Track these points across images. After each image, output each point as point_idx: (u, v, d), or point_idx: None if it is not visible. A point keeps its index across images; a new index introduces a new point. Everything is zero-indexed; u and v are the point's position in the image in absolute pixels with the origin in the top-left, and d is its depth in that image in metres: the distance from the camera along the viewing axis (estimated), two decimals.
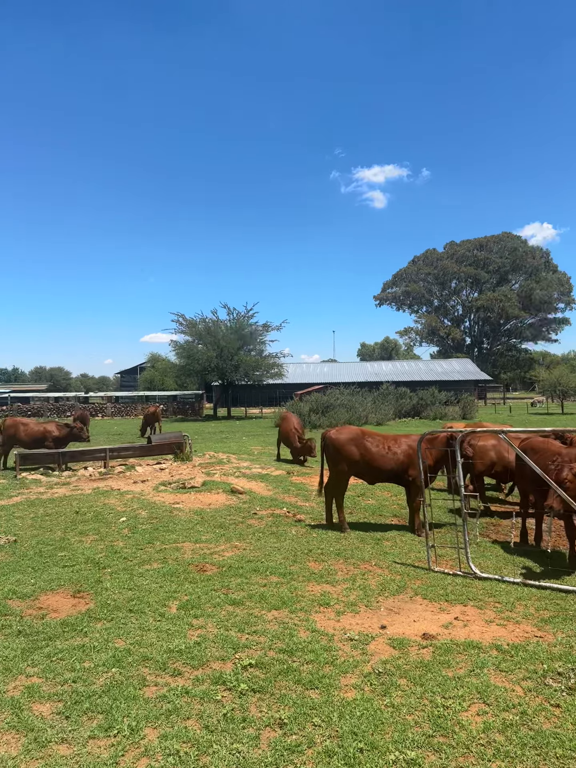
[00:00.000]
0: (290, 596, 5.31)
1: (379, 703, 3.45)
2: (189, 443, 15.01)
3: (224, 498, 9.89)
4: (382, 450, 8.01)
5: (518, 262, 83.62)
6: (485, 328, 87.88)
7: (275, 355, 43.72)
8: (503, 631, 4.53)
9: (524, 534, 7.64)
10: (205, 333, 40.90)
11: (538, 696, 3.50)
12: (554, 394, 45.03)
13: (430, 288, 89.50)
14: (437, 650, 4.17)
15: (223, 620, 4.78)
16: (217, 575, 5.95)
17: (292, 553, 6.73)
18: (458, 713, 3.31)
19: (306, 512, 9.08)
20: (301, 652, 4.17)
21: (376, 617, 4.88)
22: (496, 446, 9.26)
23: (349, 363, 70.51)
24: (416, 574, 6.05)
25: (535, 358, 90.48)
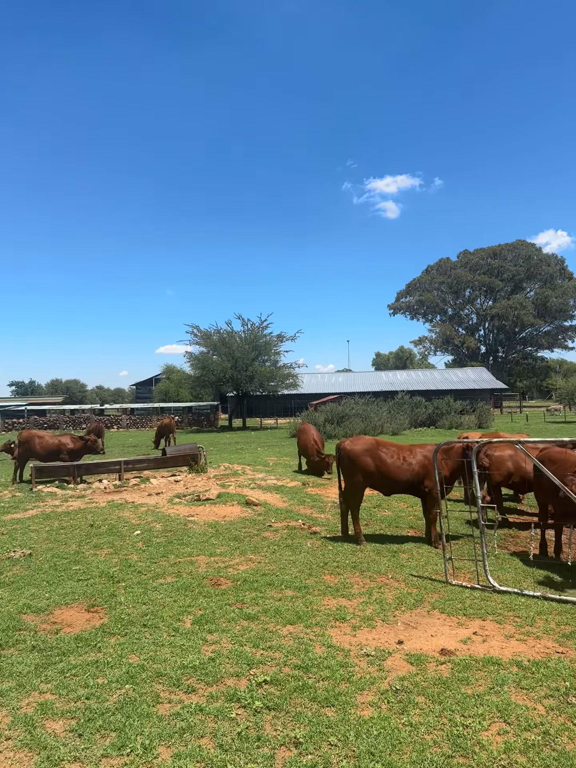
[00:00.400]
0: (305, 611, 5.25)
1: (396, 721, 3.37)
2: (204, 455, 15.01)
3: (239, 510, 9.85)
4: (398, 461, 7.92)
5: (533, 270, 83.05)
6: (500, 336, 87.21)
7: (290, 366, 43.74)
8: (523, 647, 4.42)
9: (544, 546, 7.49)
10: (220, 344, 41.06)
11: (561, 715, 3.40)
12: (572, 402, 44.46)
13: (444, 297, 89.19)
14: (456, 666, 4.08)
15: (238, 635, 4.73)
16: (232, 589, 5.90)
17: (308, 567, 6.66)
18: (478, 732, 3.23)
19: (321, 524, 9.00)
20: (316, 668, 4.10)
21: (393, 632, 4.79)
22: (513, 456, 9.13)
23: (363, 373, 70.37)
24: (433, 587, 5.94)
25: (551, 366, 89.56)
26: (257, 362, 41.37)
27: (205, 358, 40.93)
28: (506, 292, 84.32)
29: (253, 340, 41.51)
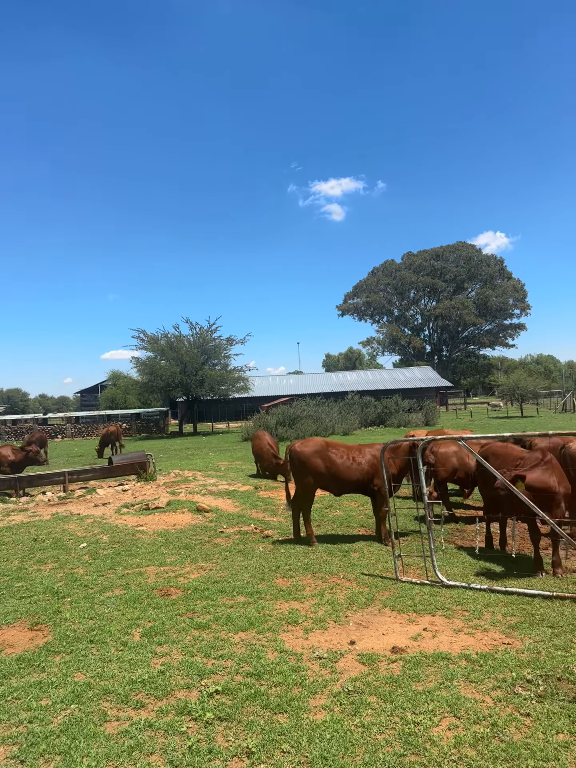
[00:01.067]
0: (258, 616, 5.20)
1: (349, 723, 3.37)
2: (153, 462, 14.72)
3: (190, 517, 9.69)
4: (347, 461, 7.99)
5: (473, 271, 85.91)
6: (444, 335, 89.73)
7: (240, 369, 43.61)
8: (472, 640, 4.52)
9: (489, 539, 7.71)
10: (168, 348, 40.46)
11: (508, 705, 3.47)
12: (513, 397, 46.16)
13: (390, 298, 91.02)
14: (407, 664, 4.12)
15: (188, 646, 4.63)
16: (182, 599, 5.78)
17: (260, 571, 6.61)
18: (429, 729, 3.26)
19: (274, 527, 8.97)
20: (269, 674, 4.06)
21: (345, 633, 4.80)
22: (457, 452, 9.37)
23: (314, 374, 70.94)
24: (384, 585, 6.01)
25: (493, 364, 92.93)
26: (207, 366, 41.02)
27: (152, 363, 40.23)
28: (449, 293, 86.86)
29: (202, 344, 41.13)
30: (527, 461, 6.55)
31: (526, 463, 6.53)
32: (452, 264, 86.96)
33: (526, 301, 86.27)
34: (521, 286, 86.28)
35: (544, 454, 6.47)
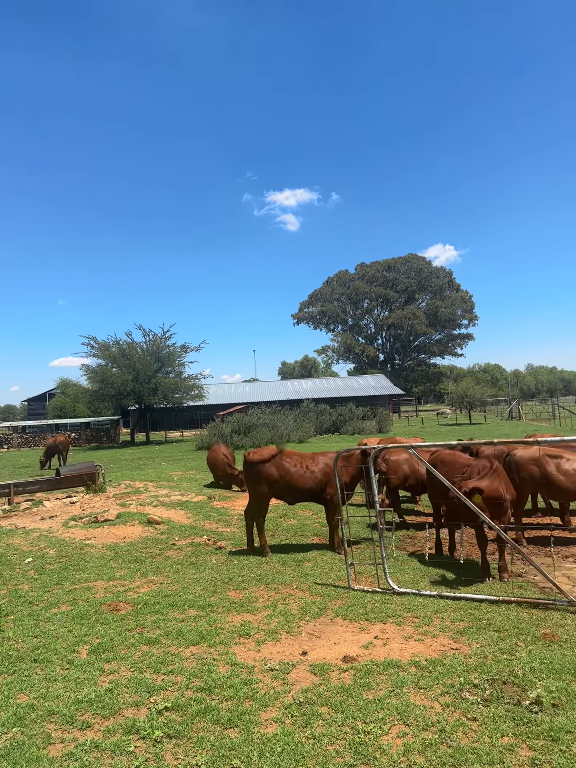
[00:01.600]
0: (209, 629, 5.13)
1: (300, 735, 3.36)
2: (102, 473, 14.36)
3: (140, 530, 9.49)
4: (301, 469, 8.01)
5: (424, 282, 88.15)
6: (396, 344, 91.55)
7: (195, 377, 43.18)
8: (421, 647, 4.59)
9: (439, 545, 7.87)
10: (120, 356, 39.66)
11: (456, 711, 3.54)
12: (462, 405, 47.42)
13: (344, 307, 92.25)
14: (358, 673, 4.14)
15: (138, 662, 4.52)
16: (132, 614, 5.65)
17: (212, 584, 6.53)
18: (379, 738, 3.28)
19: (227, 538, 8.89)
20: (220, 688, 4.01)
21: (297, 643, 4.80)
22: (408, 460, 9.54)
23: (270, 382, 70.90)
24: (337, 594, 6.04)
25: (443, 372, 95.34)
26: (160, 374, 40.42)
27: (103, 371, 39.33)
28: (401, 303, 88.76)
29: (155, 351, 40.53)
30: (474, 469, 6.73)
31: (472, 470, 6.71)
32: (404, 275, 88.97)
33: (474, 312, 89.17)
34: (469, 298, 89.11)
35: (491, 462, 6.66)
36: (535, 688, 3.71)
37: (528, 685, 3.76)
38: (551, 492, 8.14)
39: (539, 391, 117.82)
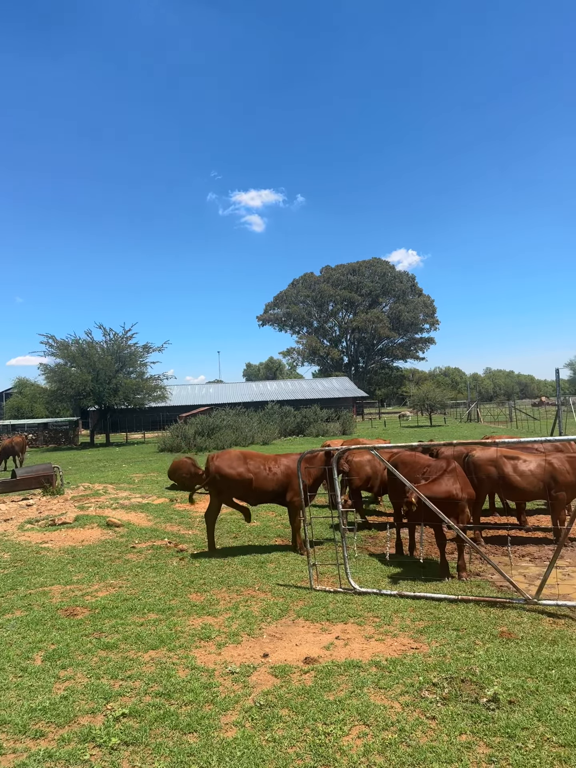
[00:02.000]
0: (169, 633, 5.04)
1: (260, 739, 3.33)
2: (60, 475, 14.01)
3: (99, 533, 9.29)
4: (264, 471, 7.98)
5: (387, 286, 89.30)
6: (360, 347, 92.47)
7: (157, 377, 42.57)
8: (382, 647, 4.61)
9: (399, 545, 7.96)
10: (79, 355, 38.77)
11: (415, 710, 3.56)
12: (423, 408, 48.24)
13: (310, 310, 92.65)
14: (319, 674, 4.13)
15: (95, 668, 4.41)
16: (89, 618, 5.51)
17: (173, 587, 6.44)
18: (339, 739, 3.28)
19: (189, 541, 8.79)
20: (179, 693, 3.94)
21: (259, 645, 4.76)
22: (371, 461, 9.63)
23: (234, 383, 70.63)
24: (299, 594, 6.03)
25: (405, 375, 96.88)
26: (122, 374, 39.70)
27: (62, 371, 38.39)
28: (365, 307, 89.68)
29: (116, 351, 39.79)
30: (433, 469, 6.83)
31: (432, 471, 6.81)
32: (368, 279, 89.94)
33: (435, 316, 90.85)
34: (431, 302, 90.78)
35: (449, 462, 6.78)
36: (492, 685, 3.77)
37: (485, 683, 3.82)
38: (508, 492, 8.33)
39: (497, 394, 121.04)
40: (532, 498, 8.39)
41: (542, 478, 7.98)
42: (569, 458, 8.03)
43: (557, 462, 7.98)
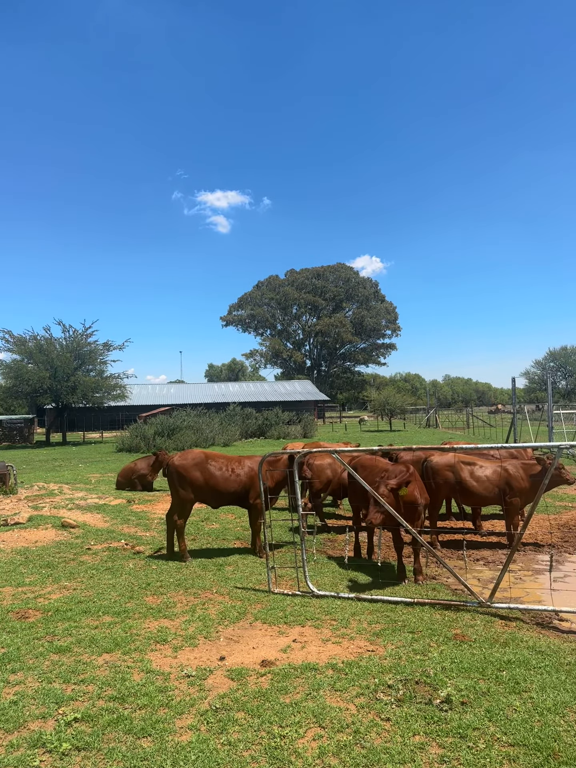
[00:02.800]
0: (124, 636, 4.95)
1: (215, 742, 3.30)
2: (14, 474, 13.60)
3: (54, 534, 9.05)
4: (226, 473, 7.94)
5: (351, 292, 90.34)
6: (323, 351, 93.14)
7: (117, 376, 41.87)
8: (338, 649, 4.65)
9: (357, 548, 8.04)
10: (37, 351, 37.79)
11: (370, 712, 3.60)
12: (383, 412, 48.91)
13: (274, 312, 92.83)
14: (275, 677, 4.13)
15: (46, 672, 4.29)
16: (42, 621, 5.36)
17: (129, 589, 6.33)
18: (295, 741, 3.28)
19: (146, 543, 8.65)
20: (133, 697, 3.87)
21: (216, 648, 4.73)
22: (332, 465, 9.70)
23: (196, 384, 70.09)
24: (257, 598, 6.02)
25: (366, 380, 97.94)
26: (80, 372, 38.88)
27: (18, 367, 37.33)
28: (328, 311, 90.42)
29: (75, 348, 38.96)
30: (391, 474, 6.93)
31: (390, 475, 6.91)
32: (332, 284, 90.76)
33: (397, 323, 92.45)
34: (393, 309, 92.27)
35: (407, 467, 6.90)
36: (446, 687, 3.84)
37: (439, 685, 3.89)
38: (464, 497, 8.53)
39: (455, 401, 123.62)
40: (487, 503, 8.60)
41: (497, 484, 8.21)
42: (523, 465, 8.28)
43: (512, 468, 8.22)
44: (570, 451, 5.49)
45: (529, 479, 8.06)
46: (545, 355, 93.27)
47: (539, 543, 8.60)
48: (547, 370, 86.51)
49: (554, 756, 3.08)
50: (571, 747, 3.16)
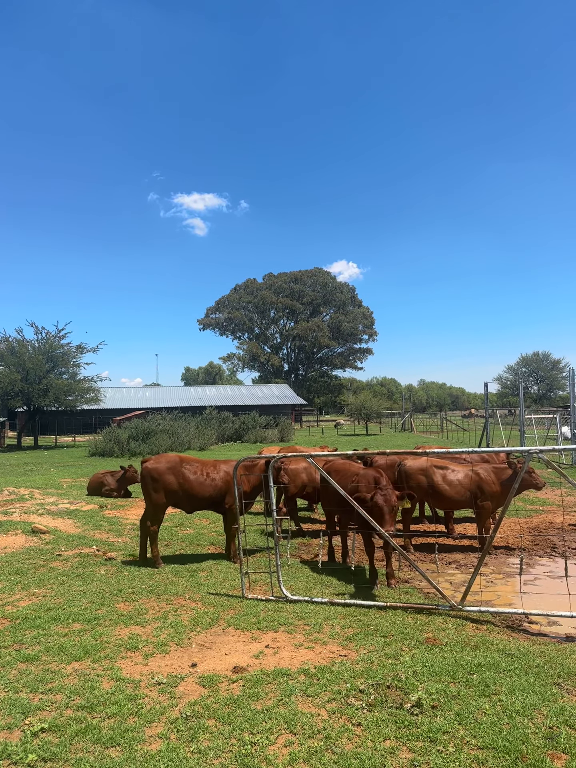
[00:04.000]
0: (94, 644, 4.88)
1: (185, 750, 3.27)
2: None
3: (23, 540, 8.87)
4: (201, 477, 7.88)
5: (329, 296, 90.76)
6: (301, 355, 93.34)
7: (91, 379, 41.26)
8: (311, 654, 4.64)
9: (332, 552, 8.05)
10: (8, 353, 37.06)
11: (342, 717, 3.60)
12: (360, 416, 49.19)
13: (251, 316, 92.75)
14: (247, 683, 4.11)
15: (13, 681, 4.20)
16: (9, 629, 5.25)
17: (100, 596, 6.23)
18: (266, 748, 3.27)
19: (118, 549, 8.54)
20: (102, 705, 3.81)
21: (187, 655, 4.69)
22: (307, 469, 9.71)
23: (172, 387, 69.45)
24: (230, 603, 5.98)
25: (344, 384, 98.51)
26: (53, 374, 38.25)
27: None
28: (306, 315, 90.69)
29: (48, 351, 38.28)
30: (362, 478, 6.99)
31: (361, 479, 6.97)
32: (309, 288, 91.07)
33: (374, 327, 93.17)
34: (370, 314, 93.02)
35: (378, 471, 6.96)
36: (417, 691, 3.86)
37: (410, 689, 3.91)
38: (437, 501, 8.62)
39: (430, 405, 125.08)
40: (459, 507, 8.70)
41: (469, 488, 8.31)
42: (495, 469, 8.40)
43: (483, 472, 8.33)
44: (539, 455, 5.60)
45: (501, 483, 8.19)
46: (518, 360, 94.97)
47: (510, 546, 8.72)
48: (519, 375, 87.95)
49: (522, 759, 3.12)
50: (538, 749, 3.21)
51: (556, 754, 3.18)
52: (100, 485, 13.97)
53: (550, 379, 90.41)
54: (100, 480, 14.12)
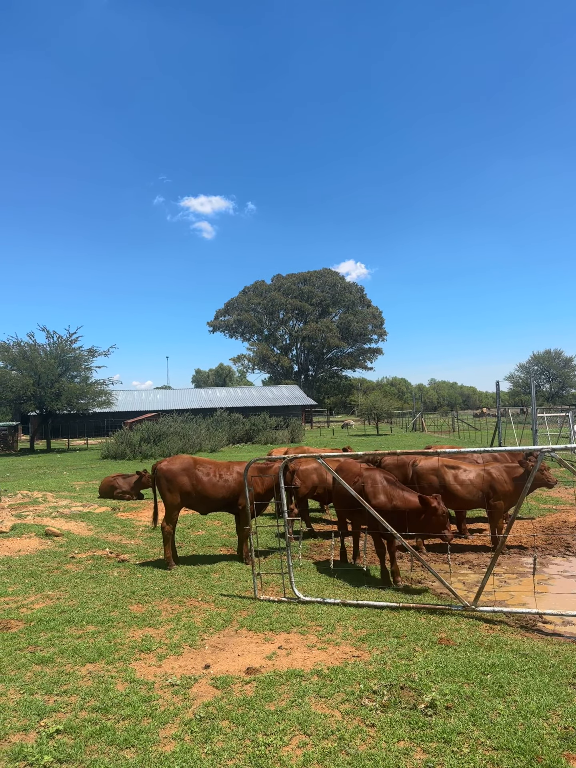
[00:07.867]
0: (108, 646, 4.91)
1: (199, 752, 3.28)
2: None
3: (37, 542, 8.95)
4: (215, 478, 7.89)
5: (337, 297, 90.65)
6: (310, 356, 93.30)
7: (103, 382, 41.53)
8: (324, 655, 4.64)
9: (343, 553, 8.04)
10: (21, 358, 37.37)
11: (355, 718, 3.59)
12: (370, 417, 49.08)
13: (261, 318, 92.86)
14: (260, 684, 4.11)
15: (28, 683, 4.23)
16: (24, 632, 5.30)
17: (113, 598, 6.27)
18: (279, 749, 3.27)
19: (131, 551, 8.58)
20: (117, 707, 3.83)
21: (200, 657, 4.70)
22: (317, 469, 9.70)
23: (183, 389, 69.70)
24: (243, 605, 5.99)
25: (354, 384, 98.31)
26: (65, 378, 38.52)
27: (2, 374, 36.86)
28: (315, 316, 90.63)
29: (60, 354, 38.56)
30: (366, 478, 6.99)
31: (364, 479, 6.97)
32: (318, 289, 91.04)
33: (383, 327, 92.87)
34: (379, 314, 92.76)
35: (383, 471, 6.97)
36: (430, 691, 3.85)
37: (424, 689, 3.90)
38: (449, 501, 8.57)
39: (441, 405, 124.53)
40: (471, 506, 8.65)
41: (481, 488, 8.26)
42: (507, 468, 8.35)
43: (496, 472, 8.28)
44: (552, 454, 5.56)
45: (513, 482, 8.13)
46: (529, 358, 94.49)
47: (523, 546, 8.67)
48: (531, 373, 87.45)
49: (537, 759, 3.10)
50: (554, 750, 3.18)
51: (572, 754, 3.15)
52: (112, 488, 14.05)
53: (562, 377, 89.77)
54: (111, 483, 14.20)
